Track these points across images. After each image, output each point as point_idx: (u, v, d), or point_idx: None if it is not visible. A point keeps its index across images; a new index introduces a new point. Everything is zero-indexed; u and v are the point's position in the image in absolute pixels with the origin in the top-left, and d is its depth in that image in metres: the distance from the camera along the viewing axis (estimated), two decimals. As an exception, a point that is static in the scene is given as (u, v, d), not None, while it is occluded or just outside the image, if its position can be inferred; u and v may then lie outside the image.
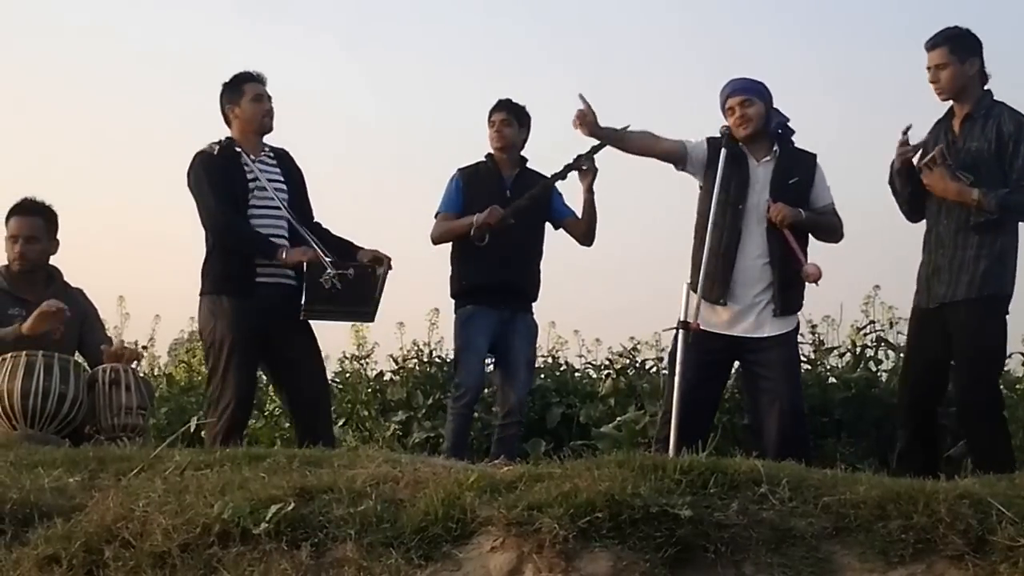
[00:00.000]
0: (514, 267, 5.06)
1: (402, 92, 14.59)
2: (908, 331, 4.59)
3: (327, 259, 4.50)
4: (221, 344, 4.51)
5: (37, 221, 4.67)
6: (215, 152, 4.62)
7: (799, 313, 4.64)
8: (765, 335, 4.45)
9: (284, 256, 4.50)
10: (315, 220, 4.82)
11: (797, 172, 4.54)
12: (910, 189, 4.40)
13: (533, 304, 5.22)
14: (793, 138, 4.61)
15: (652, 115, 19.85)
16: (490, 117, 5.25)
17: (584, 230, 5.17)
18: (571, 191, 5.20)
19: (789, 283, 4.47)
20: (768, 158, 4.53)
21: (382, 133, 13.66)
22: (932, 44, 4.35)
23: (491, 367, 5.34)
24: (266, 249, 4.54)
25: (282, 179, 4.72)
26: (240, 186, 4.58)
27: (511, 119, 5.20)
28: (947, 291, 4.25)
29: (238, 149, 4.65)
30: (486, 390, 5.55)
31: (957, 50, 4.30)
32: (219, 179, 4.57)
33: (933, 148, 4.32)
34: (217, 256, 4.59)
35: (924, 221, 4.44)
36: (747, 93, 4.55)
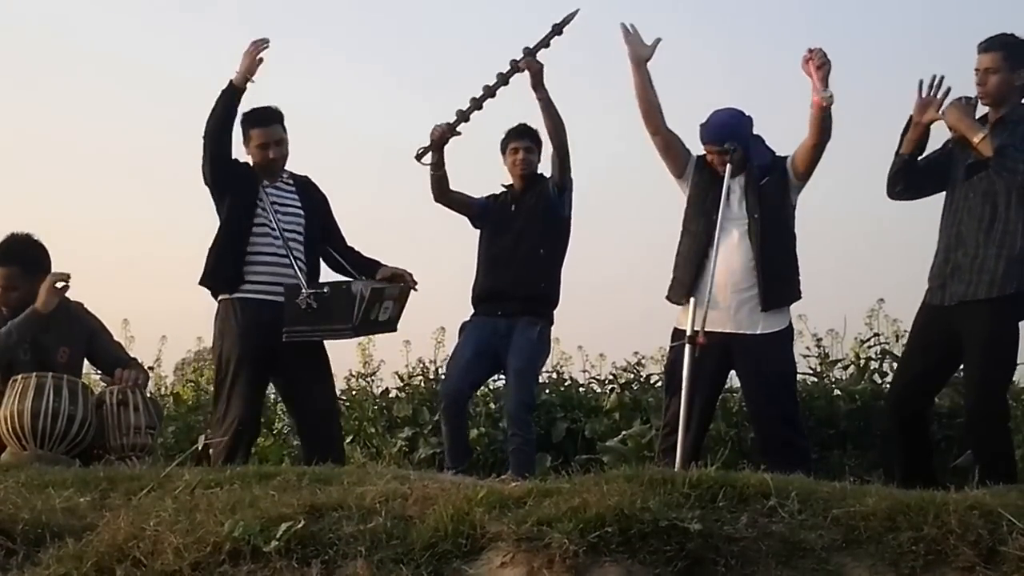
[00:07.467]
0: (504, 273, 4.91)
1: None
2: (913, 326, 4.50)
3: (303, 280, 4.56)
4: (228, 360, 4.62)
5: (14, 270, 4.56)
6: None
7: (791, 317, 4.52)
8: (756, 332, 4.41)
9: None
10: (346, 243, 4.93)
11: (768, 172, 4.49)
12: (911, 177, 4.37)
13: (543, 311, 4.93)
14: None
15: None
16: (509, 144, 5.07)
17: (550, 141, 4.87)
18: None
19: (776, 279, 4.42)
20: (742, 174, 4.47)
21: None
22: (986, 47, 4.29)
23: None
24: None
25: (298, 204, 4.79)
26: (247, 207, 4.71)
27: (532, 145, 5.06)
28: (967, 290, 4.20)
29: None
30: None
31: (1010, 57, 4.26)
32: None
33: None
34: None
35: (942, 213, 4.38)
36: (722, 142, 4.42)
